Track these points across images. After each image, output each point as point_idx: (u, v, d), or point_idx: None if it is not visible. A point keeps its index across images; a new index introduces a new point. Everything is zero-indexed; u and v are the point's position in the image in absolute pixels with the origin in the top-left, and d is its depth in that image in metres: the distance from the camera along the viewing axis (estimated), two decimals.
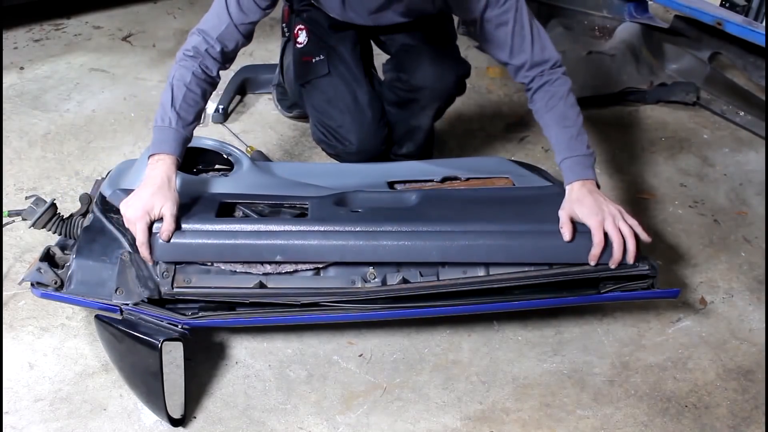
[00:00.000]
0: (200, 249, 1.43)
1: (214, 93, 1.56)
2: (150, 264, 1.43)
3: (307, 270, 1.48)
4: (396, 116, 1.96)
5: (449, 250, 1.46)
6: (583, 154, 1.56)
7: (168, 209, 1.41)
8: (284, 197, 1.59)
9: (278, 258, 1.44)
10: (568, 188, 1.54)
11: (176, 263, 1.45)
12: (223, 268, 1.46)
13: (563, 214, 1.50)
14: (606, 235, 1.46)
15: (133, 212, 1.40)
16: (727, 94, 2.62)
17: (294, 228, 1.46)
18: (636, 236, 1.47)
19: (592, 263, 1.47)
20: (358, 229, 1.46)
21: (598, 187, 1.55)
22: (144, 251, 1.41)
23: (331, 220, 1.48)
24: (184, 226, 1.43)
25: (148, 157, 1.48)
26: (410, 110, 1.94)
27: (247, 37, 1.65)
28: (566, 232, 1.47)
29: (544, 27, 1.67)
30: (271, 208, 1.58)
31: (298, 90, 2.04)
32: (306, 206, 1.56)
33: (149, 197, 1.41)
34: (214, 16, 1.60)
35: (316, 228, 1.46)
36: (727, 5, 2.61)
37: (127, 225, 1.43)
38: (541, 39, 1.62)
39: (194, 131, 1.56)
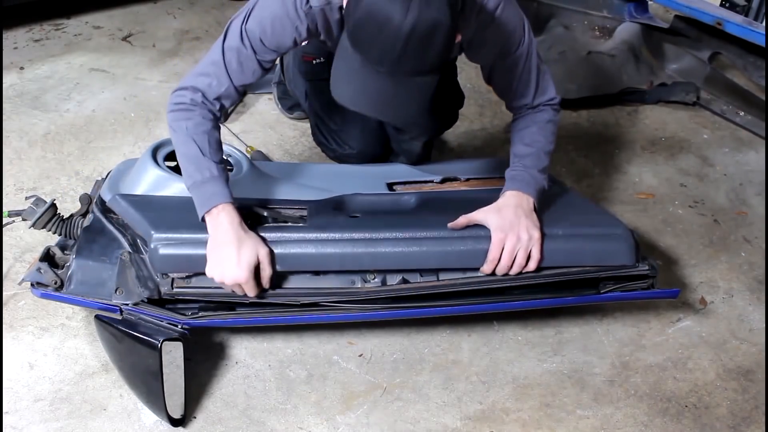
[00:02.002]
0: (201, 260, 1.40)
1: None
2: (149, 264, 1.42)
3: (306, 272, 1.48)
4: (391, 134, 1.94)
5: (448, 257, 1.46)
6: (532, 173, 1.52)
7: (264, 255, 1.38)
8: (283, 202, 1.59)
9: (277, 267, 1.43)
10: (501, 196, 1.51)
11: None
12: None
13: (474, 214, 1.47)
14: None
15: (237, 274, 1.35)
16: (727, 94, 2.62)
17: (293, 236, 1.44)
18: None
19: (487, 272, 1.46)
20: (356, 236, 1.45)
21: (536, 209, 1.50)
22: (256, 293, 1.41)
23: (330, 228, 1.47)
24: (184, 236, 1.42)
25: (202, 219, 1.39)
26: (401, 137, 1.91)
27: (243, 95, 1.56)
28: (452, 224, 1.46)
29: (543, 27, 1.66)
30: (273, 214, 1.57)
31: (300, 86, 2.03)
32: (305, 209, 1.56)
33: (239, 253, 1.35)
34: (211, 76, 1.46)
35: (314, 236, 1.45)
36: (727, 5, 2.62)
37: (231, 287, 1.39)
38: (545, 82, 1.58)
39: None
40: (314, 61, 1.94)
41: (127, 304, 1.40)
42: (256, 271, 1.39)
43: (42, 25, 2.99)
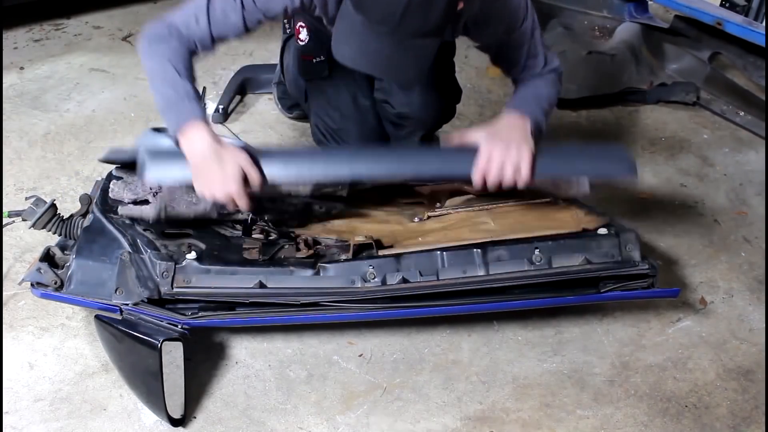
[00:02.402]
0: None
1: (214, 93, 1.54)
2: (149, 264, 1.43)
3: (306, 269, 1.48)
4: (390, 131, 1.96)
5: (441, 165, 1.52)
6: (531, 106, 1.53)
7: (246, 162, 1.37)
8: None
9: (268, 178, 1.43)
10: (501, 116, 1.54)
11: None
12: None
13: (467, 133, 1.50)
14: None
15: (225, 189, 1.35)
16: (727, 94, 2.62)
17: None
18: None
19: (477, 185, 1.47)
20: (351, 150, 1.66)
21: (539, 135, 1.50)
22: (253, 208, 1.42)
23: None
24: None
25: (176, 142, 1.39)
26: (398, 132, 1.94)
27: (213, 49, 1.51)
28: (450, 140, 1.51)
29: (543, 27, 1.67)
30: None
31: (300, 86, 2.03)
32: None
33: (221, 167, 1.35)
34: (190, 16, 1.45)
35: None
36: (727, 5, 2.62)
37: (223, 202, 1.38)
38: (550, 55, 1.63)
39: None
40: (314, 60, 1.94)
41: (127, 304, 1.40)
42: (246, 183, 1.38)
43: (42, 25, 2.99)
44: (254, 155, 1.41)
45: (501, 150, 1.43)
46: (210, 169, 1.36)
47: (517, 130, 1.48)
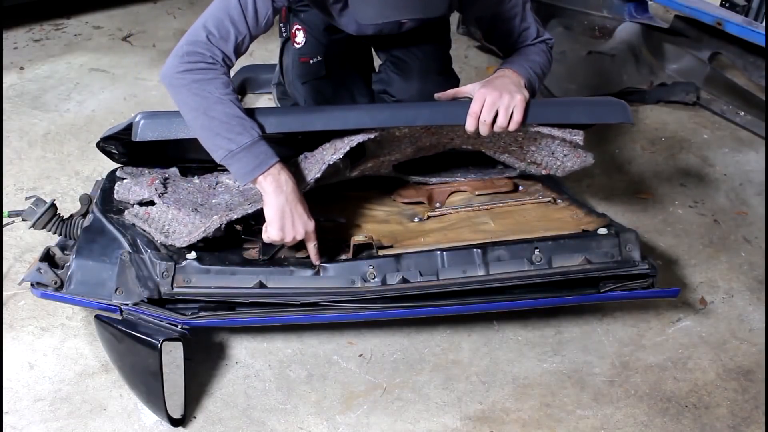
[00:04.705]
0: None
1: None
2: (149, 264, 1.43)
3: (306, 269, 1.48)
4: None
5: (437, 113, 1.52)
6: (525, 66, 1.56)
7: (311, 228, 1.44)
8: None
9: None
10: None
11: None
12: (234, 217, 1.47)
13: (461, 87, 1.54)
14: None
15: (309, 225, 1.43)
16: (727, 94, 2.62)
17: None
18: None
19: (470, 128, 1.48)
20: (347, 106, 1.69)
21: (531, 95, 1.51)
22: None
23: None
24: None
25: (253, 181, 1.39)
26: None
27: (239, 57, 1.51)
28: (440, 94, 1.54)
29: (543, 27, 1.68)
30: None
31: (300, 89, 2.04)
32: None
33: (304, 207, 1.43)
34: (226, 25, 1.41)
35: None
36: (727, 5, 2.62)
37: (294, 242, 1.44)
38: (540, 27, 1.67)
39: None
40: (311, 61, 1.95)
41: (127, 304, 1.41)
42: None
43: (42, 25, 3.00)
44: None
45: (494, 95, 1.45)
46: (298, 210, 1.41)
47: (510, 81, 1.51)
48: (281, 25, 2.15)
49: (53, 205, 1.54)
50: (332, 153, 1.49)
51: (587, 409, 1.52)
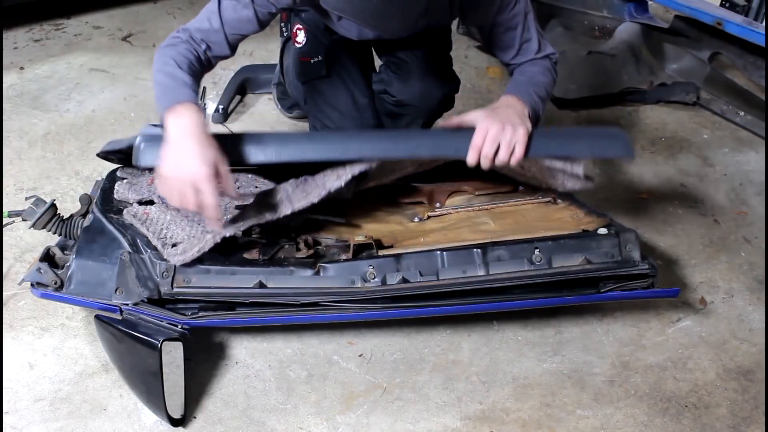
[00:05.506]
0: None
1: (214, 93, 1.55)
2: (149, 264, 1.43)
3: (306, 269, 1.48)
4: (388, 125, 1.97)
5: (439, 144, 1.51)
6: (529, 91, 1.54)
7: (224, 164, 1.30)
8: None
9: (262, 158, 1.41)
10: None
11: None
12: (227, 234, 1.43)
13: (464, 115, 1.50)
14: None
15: (196, 169, 1.25)
16: (727, 94, 2.62)
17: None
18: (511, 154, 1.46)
19: (471, 161, 1.46)
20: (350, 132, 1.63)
21: (536, 122, 1.50)
22: (218, 214, 1.30)
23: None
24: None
25: (163, 118, 1.32)
26: (397, 123, 1.95)
27: (232, 51, 1.54)
28: (444, 122, 1.51)
29: (543, 27, 1.68)
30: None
31: (300, 89, 2.04)
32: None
33: (202, 148, 1.27)
34: (203, 21, 1.48)
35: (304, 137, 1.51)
36: (727, 5, 2.62)
37: (179, 189, 1.28)
38: (544, 41, 1.64)
39: None
40: (312, 60, 1.95)
41: (127, 304, 1.40)
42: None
43: (42, 25, 2.99)
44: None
45: (497, 128, 1.44)
46: (188, 147, 1.27)
47: (513, 111, 1.49)
48: (282, 24, 2.15)
49: (53, 205, 1.54)
50: (335, 179, 1.47)
51: (587, 409, 1.52)
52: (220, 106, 2.41)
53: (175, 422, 1.42)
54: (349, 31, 1.76)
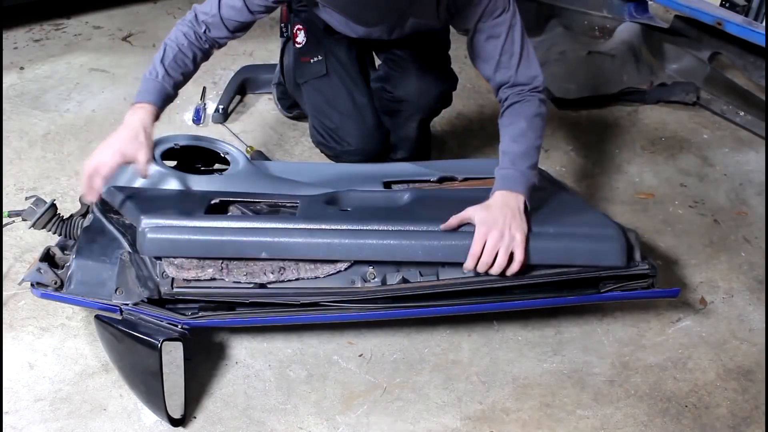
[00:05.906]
0: (186, 244, 1.41)
1: (214, 93, 1.57)
2: (149, 264, 1.43)
3: (309, 278, 1.47)
4: (387, 123, 1.98)
5: (433, 251, 1.45)
6: (521, 169, 1.51)
7: (143, 155, 1.43)
8: (276, 196, 1.60)
9: (263, 255, 1.42)
10: (490, 195, 1.50)
11: (160, 258, 1.43)
12: (227, 280, 1.44)
13: (464, 212, 1.46)
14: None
15: (105, 153, 1.41)
16: (727, 94, 2.62)
17: (280, 225, 1.45)
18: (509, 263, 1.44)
19: (468, 267, 1.44)
20: (344, 227, 1.45)
21: (527, 208, 1.48)
22: (97, 182, 1.41)
23: (319, 219, 1.47)
24: (172, 222, 1.42)
25: (131, 106, 1.51)
26: (396, 120, 1.96)
27: (232, 34, 1.63)
28: (444, 225, 1.46)
29: (543, 27, 1.67)
30: (264, 207, 1.58)
31: (300, 89, 2.04)
32: (297, 205, 1.56)
33: (124, 141, 1.42)
34: (207, 4, 1.61)
35: (303, 226, 1.44)
36: (727, 5, 2.61)
37: (92, 165, 1.41)
38: (529, 60, 1.59)
39: (179, 91, 1.60)
40: (312, 60, 1.95)
41: (127, 304, 1.40)
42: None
43: (42, 25, 2.99)
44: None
45: (495, 236, 1.42)
46: (115, 136, 1.44)
47: (510, 211, 1.45)
48: (282, 25, 2.15)
49: (53, 205, 1.54)
50: (315, 272, 1.46)
51: (587, 409, 1.52)
52: (220, 106, 2.41)
53: (175, 422, 1.42)
54: (340, 25, 1.78)
